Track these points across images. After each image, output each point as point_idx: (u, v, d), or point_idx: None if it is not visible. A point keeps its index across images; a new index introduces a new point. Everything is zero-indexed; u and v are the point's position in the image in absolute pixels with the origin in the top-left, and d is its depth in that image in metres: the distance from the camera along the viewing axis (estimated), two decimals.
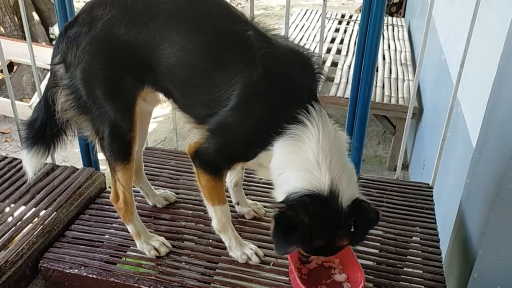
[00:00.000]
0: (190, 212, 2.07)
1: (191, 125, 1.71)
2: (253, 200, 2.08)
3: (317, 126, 1.47)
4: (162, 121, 5.50)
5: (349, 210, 1.45)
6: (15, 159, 2.37)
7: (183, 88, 1.65)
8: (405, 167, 4.60)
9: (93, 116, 1.67)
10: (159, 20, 1.58)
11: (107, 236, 1.93)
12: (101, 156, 1.82)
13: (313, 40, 5.88)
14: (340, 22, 6.80)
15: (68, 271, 1.77)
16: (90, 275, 1.74)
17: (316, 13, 6.97)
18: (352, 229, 1.49)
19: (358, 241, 1.54)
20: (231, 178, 1.95)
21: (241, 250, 1.79)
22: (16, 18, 6.46)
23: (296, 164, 1.48)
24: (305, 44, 5.53)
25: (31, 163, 1.88)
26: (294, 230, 1.42)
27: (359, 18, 6.82)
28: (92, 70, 1.62)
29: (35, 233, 1.86)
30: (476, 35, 2.07)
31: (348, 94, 4.58)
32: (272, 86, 1.52)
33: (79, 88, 1.65)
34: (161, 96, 1.77)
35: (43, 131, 1.84)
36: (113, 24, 1.59)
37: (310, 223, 1.42)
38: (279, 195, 1.52)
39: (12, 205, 2.06)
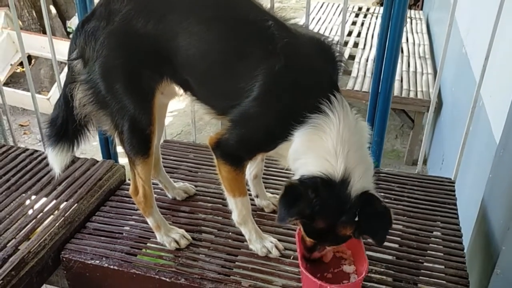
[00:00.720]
0: (210, 205, 2.07)
1: (210, 116, 1.71)
2: (272, 193, 2.07)
3: (338, 116, 1.47)
4: (178, 114, 5.52)
5: (356, 200, 1.46)
6: (36, 151, 2.40)
7: (202, 79, 1.65)
8: (423, 161, 4.55)
9: (112, 110, 1.67)
10: (178, 11, 1.57)
11: (127, 228, 1.94)
12: (120, 148, 1.83)
13: (329, 33, 5.83)
14: (357, 15, 6.73)
15: (89, 262, 1.78)
16: (111, 266, 1.75)
17: (332, 6, 6.91)
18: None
19: (361, 234, 1.52)
20: (250, 170, 1.94)
21: (261, 243, 1.78)
22: (34, 12, 6.52)
23: (314, 152, 1.49)
24: None
25: (57, 160, 1.88)
26: (299, 202, 1.45)
27: (376, 11, 6.80)
28: (110, 64, 1.62)
29: (57, 224, 1.88)
30: (500, 28, 2.03)
31: (365, 87, 4.55)
32: (294, 76, 1.52)
33: (98, 82, 1.64)
34: (177, 88, 1.77)
35: (66, 128, 1.84)
36: (131, 17, 1.58)
37: (315, 200, 1.44)
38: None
39: (34, 196, 2.09)
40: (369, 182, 1.52)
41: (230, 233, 1.89)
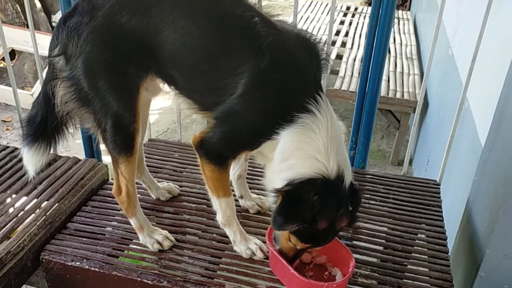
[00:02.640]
0: (194, 205, 2.04)
1: (193, 111, 1.69)
2: (257, 194, 2.05)
3: (325, 116, 1.49)
4: (164, 112, 5.47)
5: (348, 192, 1.51)
6: (17, 148, 2.34)
7: (188, 73, 1.62)
8: (409, 162, 4.57)
9: (95, 108, 1.63)
10: (163, 5, 1.54)
11: (109, 229, 1.91)
12: (103, 147, 1.79)
13: (317, 32, 5.82)
14: (345, 15, 6.74)
15: (69, 263, 1.74)
16: (92, 268, 1.72)
17: (321, 5, 6.91)
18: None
19: (353, 222, 1.58)
20: (234, 170, 1.92)
21: (246, 244, 1.76)
22: (18, 6, 6.40)
23: (304, 152, 1.49)
24: None
25: (32, 161, 1.83)
26: (299, 208, 1.46)
27: (364, 11, 6.81)
28: (94, 60, 1.58)
29: (37, 224, 1.83)
30: (487, 29, 2.03)
31: (352, 87, 4.55)
32: (279, 74, 1.51)
33: (81, 79, 1.61)
34: (161, 84, 1.74)
35: (44, 127, 1.79)
36: (114, 12, 1.55)
37: (316, 203, 1.44)
38: (277, 181, 1.52)
39: (14, 195, 2.04)
40: (350, 172, 1.57)
41: (215, 235, 1.87)
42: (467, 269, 1.97)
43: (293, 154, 1.50)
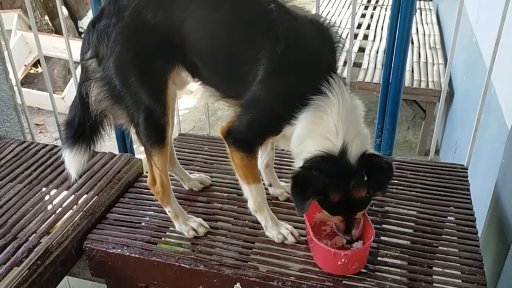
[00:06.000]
0: (226, 195, 2.11)
1: (217, 98, 1.77)
2: (286, 182, 2.11)
3: (337, 97, 1.55)
4: (190, 111, 5.57)
5: (358, 163, 1.54)
6: (55, 146, 2.47)
7: (210, 61, 1.70)
8: (436, 151, 4.55)
9: (127, 104, 1.72)
10: None
11: (146, 218, 2.00)
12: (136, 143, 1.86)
13: (339, 26, 5.83)
14: (366, 8, 6.72)
15: (111, 251, 1.84)
16: (133, 255, 1.81)
17: None
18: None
19: (376, 190, 1.60)
20: (262, 159, 1.98)
21: (277, 229, 1.82)
22: (46, 13, 6.62)
23: (316, 133, 1.56)
24: None
25: (74, 162, 1.91)
26: (308, 184, 1.53)
27: (385, 3, 6.77)
28: (124, 59, 1.67)
29: (79, 215, 1.93)
30: (510, 13, 2.03)
31: (376, 79, 4.56)
32: (294, 59, 1.58)
33: (113, 78, 1.69)
34: (187, 77, 1.80)
35: (83, 129, 1.87)
36: (140, 10, 1.63)
37: (322, 176, 1.52)
38: (298, 164, 1.60)
39: (55, 190, 2.15)
40: (366, 145, 1.60)
41: (247, 221, 1.94)
42: (497, 251, 1.99)
43: (307, 136, 1.58)
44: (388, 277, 1.67)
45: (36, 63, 6.39)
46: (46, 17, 6.63)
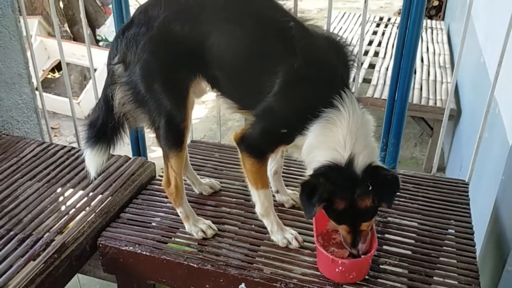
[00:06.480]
0: (234, 200, 2.20)
1: (233, 110, 1.86)
2: (292, 190, 2.19)
3: (348, 110, 1.63)
4: (201, 121, 5.69)
5: (364, 173, 1.61)
6: (73, 148, 2.58)
7: (230, 74, 1.80)
8: (442, 169, 4.60)
9: (150, 108, 1.82)
10: (210, 12, 1.74)
11: (158, 219, 2.09)
12: (150, 148, 1.94)
13: (350, 43, 5.93)
14: (378, 25, 6.82)
15: (123, 248, 1.93)
16: (144, 253, 1.90)
17: (354, 16, 7.01)
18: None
19: (381, 201, 1.64)
20: (271, 166, 2.07)
21: (282, 234, 1.90)
22: (65, 20, 6.81)
23: (326, 144, 1.65)
24: None
25: (94, 161, 2.00)
26: (315, 191, 1.60)
27: (397, 21, 6.86)
28: (151, 66, 1.77)
29: (94, 214, 2.04)
30: None
31: (385, 95, 4.63)
32: (309, 73, 1.68)
33: (138, 83, 1.80)
34: (205, 86, 1.89)
35: (104, 130, 1.97)
36: (169, 22, 1.74)
37: (328, 184, 1.59)
38: (309, 172, 1.69)
39: (72, 189, 2.25)
40: (374, 157, 1.66)
41: (253, 226, 2.02)
42: (495, 264, 2.05)
43: (317, 146, 1.67)
44: (388, 284, 1.74)
45: (54, 69, 6.56)
46: (66, 25, 6.82)
